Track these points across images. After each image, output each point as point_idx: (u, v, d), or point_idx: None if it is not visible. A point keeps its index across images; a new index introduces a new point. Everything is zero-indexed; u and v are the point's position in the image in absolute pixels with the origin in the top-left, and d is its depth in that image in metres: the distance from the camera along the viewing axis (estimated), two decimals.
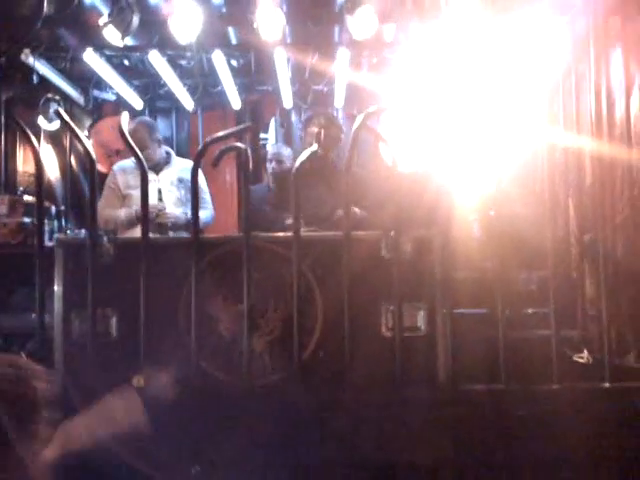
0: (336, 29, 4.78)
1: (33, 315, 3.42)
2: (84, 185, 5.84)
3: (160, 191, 4.36)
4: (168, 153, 4.50)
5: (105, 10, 4.07)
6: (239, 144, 2.82)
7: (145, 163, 2.85)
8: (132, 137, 4.20)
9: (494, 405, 2.70)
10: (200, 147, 2.77)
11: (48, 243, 3.07)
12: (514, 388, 2.69)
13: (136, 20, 3.81)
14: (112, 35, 3.96)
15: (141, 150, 4.09)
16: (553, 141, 3.40)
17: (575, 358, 2.85)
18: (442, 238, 2.85)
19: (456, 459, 2.66)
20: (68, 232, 4.81)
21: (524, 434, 2.62)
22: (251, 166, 2.70)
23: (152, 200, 4.26)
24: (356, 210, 3.67)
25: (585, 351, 2.86)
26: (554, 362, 2.69)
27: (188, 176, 4.28)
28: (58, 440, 1.82)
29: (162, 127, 6.26)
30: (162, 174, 4.41)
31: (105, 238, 2.78)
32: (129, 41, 4.17)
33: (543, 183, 4.17)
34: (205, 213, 4.38)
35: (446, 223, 2.90)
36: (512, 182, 3.42)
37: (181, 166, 4.46)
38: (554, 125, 3.55)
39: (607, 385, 2.66)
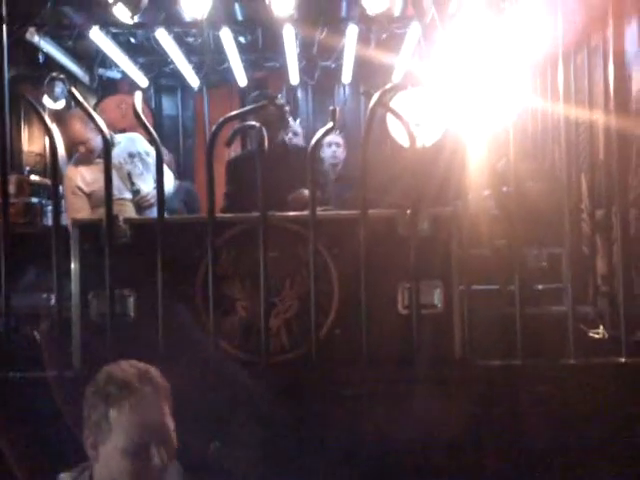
0: (344, 4, 4.74)
1: (44, 295, 3.42)
2: None
3: (130, 174, 4.20)
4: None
5: None
6: (254, 122, 2.80)
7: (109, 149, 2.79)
8: (68, 132, 4.11)
9: (510, 381, 2.72)
10: (215, 125, 2.74)
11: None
12: (530, 363, 2.70)
13: None
14: (122, 13, 3.92)
15: (80, 144, 4.01)
16: (566, 116, 3.38)
17: (591, 334, 2.86)
18: (458, 215, 2.84)
19: (472, 436, 2.68)
20: None
21: (540, 410, 2.64)
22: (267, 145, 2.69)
23: (124, 185, 4.16)
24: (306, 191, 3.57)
25: (601, 327, 2.87)
26: (570, 337, 2.70)
27: (137, 148, 4.21)
28: None
29: (167, 105, 6.24)
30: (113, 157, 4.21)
31: (121, 218, 2.78)
32: (136, 18, 4.12)
33: (554, 159, 4.16)
34: (170, 180, 4.28)
35: (462, 200, 2.89)
36: (523, 158, 3.40)
37: (124, 141, 4.27)
38: (566, 100, 3.52)
39: (623, 360, 2.67)
